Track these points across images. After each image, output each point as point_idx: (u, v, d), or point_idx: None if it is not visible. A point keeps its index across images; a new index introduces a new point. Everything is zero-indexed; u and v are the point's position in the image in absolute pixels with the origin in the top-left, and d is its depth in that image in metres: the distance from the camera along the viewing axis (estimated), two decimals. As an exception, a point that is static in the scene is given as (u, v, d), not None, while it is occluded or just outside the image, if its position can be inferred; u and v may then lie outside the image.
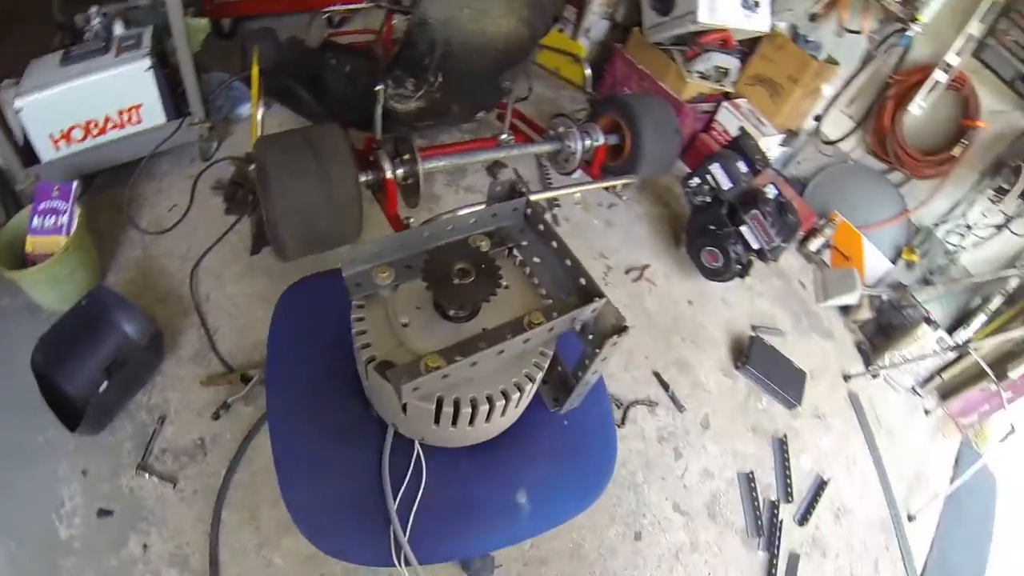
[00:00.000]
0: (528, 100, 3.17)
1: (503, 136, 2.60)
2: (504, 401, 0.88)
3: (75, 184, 1.84)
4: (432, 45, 1.74)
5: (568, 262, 0.94)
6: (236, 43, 2.69)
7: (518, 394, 0.90)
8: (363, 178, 1.83)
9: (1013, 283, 3.12)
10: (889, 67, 3.37)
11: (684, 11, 3.07)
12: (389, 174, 1.88)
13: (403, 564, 0.92)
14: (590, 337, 0.94)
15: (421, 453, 1.01)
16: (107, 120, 2.10)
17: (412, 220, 1.99)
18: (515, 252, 1.04)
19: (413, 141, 1.92)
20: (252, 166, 1.70)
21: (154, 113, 2.21)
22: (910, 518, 2.62)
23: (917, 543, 2.54)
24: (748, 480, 2.33)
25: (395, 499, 0.95)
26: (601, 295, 0.90)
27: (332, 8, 2.86)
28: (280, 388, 1.06)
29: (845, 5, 3.37)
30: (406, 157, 1.90)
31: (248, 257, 2.21)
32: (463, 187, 2.83)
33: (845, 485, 2.57)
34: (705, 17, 3.00)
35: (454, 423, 0.89)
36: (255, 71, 2.10)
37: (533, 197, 1.02)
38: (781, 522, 2.26)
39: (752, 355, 2.70)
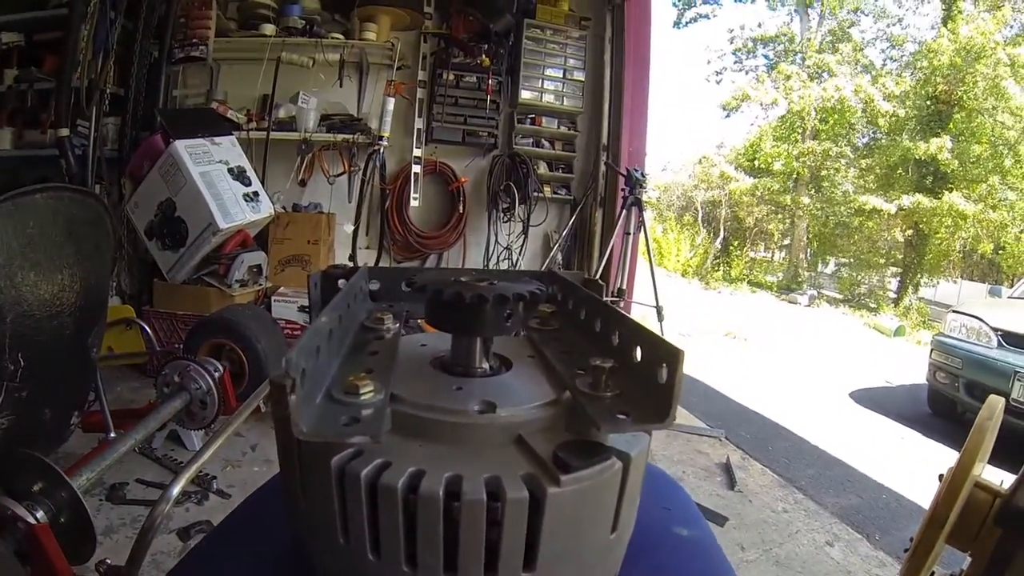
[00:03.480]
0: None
1: (111, 435, 1.96)
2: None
3: None
4: (0, 309, 1.22)
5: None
6: None
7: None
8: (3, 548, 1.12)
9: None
10: (377, 182, 4.12)
11: (200, 229, 3.04)
12: (31, 519, 1.18)
13: None
14: None
15: None
16: None
17: (110, 560, 1.32)
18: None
19: (39, 457, 1.27)
20: None
21: None
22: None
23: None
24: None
25: None
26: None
27: None
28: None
29: (322, 159, 3.97)
30: (38, 486, 1.23)
31: None
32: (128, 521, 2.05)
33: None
34: (224, 222, 3.06)
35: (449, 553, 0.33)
36: None
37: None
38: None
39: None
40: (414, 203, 4.29)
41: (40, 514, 1.17)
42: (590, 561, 0.39)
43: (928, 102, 12.98)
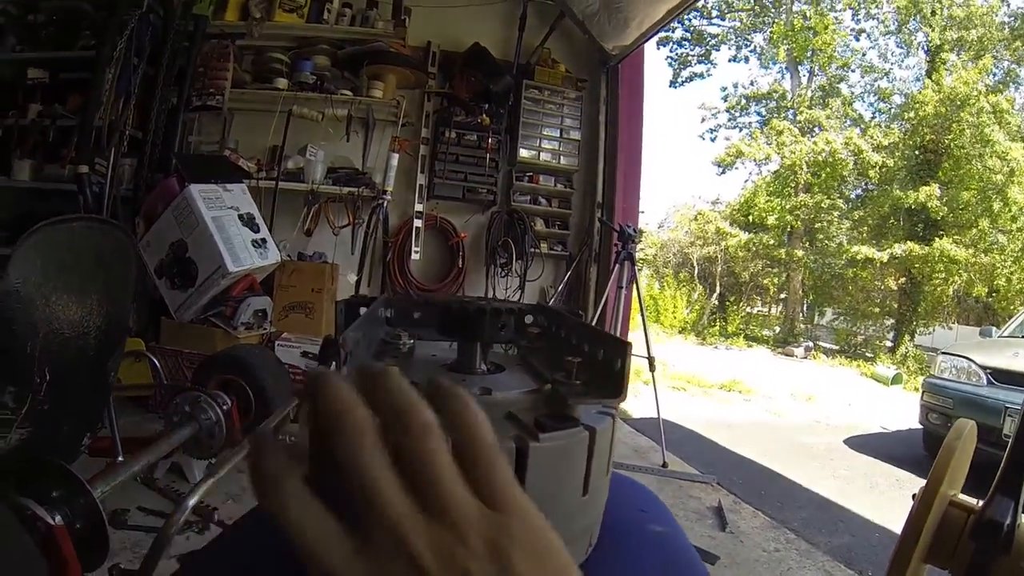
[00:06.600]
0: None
1: (119, 459, 2.05)
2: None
3: None
4: (33, 326, 1.31)
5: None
6: None
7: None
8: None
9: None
10: (380, 235, 4.27)
11: (210, 271, 3.16)
12: (50, 520, 1.24)
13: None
14: None
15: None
16: None
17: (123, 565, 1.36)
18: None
19: (60, 463, 1.33)
20: None
21: None
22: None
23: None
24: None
25: None
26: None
27: None
28: None
29: (328, 211, 4.13)
30: (56, 494, 1.30)
31: None
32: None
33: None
34: (233, 266, 3.17)
35: None
36: None
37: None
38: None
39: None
40: (415, 256, 4.45)
41: (58, 517, 1.24)
42: (566, 516, 0.49)
43: (916, 152, 13.49)
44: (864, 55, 16.35)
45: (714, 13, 17.21)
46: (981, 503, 1.34)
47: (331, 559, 0.23)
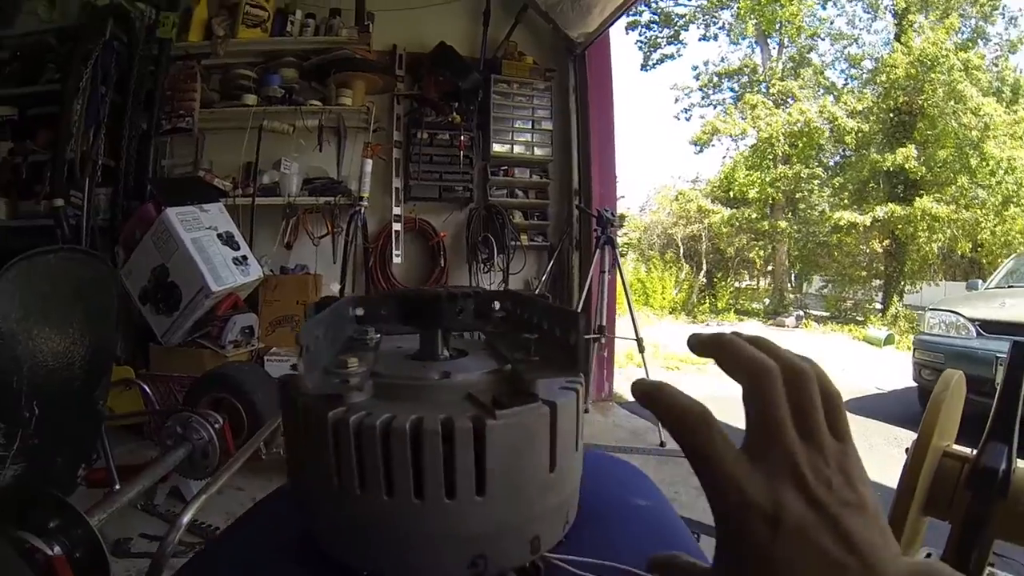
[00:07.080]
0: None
1: (116, 487, 2.07)
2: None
3: None
4: (16, 361, 1.33)
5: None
6: None
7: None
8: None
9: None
10: (360, 242, 4.27)
11: (193, 293, 3.16)
12: (49, 551, 1.26)
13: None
14: None
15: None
16: None
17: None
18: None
19: (55, 494, 1.35)
20: None
21: None
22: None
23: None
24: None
25: None
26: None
27: None
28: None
29: (307, 222, 4.13)
30: (53, 525, 1.32)
31: None
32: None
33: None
34: (215, 286, 3.18)
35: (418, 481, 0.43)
36: None
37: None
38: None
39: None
40: (396, 260, 4.46)
41: (56, 548, 1.25)
42: (532, 493, 0.49)
43: (891, 114, 13.58)
44: (832, 23, 16.45)
45: (679, -7, 17.25)
46: (975, 452, 1.38)
47: (737, 471, 0.34)
